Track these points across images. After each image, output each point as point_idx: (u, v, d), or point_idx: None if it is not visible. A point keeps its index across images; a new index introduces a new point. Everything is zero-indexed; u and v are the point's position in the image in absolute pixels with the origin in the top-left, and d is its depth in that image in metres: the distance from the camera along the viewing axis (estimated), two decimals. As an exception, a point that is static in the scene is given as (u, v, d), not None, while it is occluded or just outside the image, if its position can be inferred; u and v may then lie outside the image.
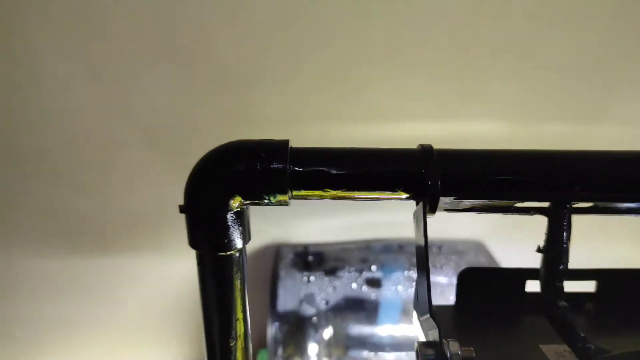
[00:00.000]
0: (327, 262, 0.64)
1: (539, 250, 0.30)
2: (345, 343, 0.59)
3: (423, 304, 0.28)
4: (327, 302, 0.60)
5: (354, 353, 0.60)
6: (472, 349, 0.26)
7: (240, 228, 0.30)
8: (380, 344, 0.60)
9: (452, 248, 0.66)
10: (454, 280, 0.35)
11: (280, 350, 0.57)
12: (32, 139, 0.61)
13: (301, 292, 0.61)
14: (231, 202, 0.29)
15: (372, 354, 0.59)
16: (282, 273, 0.63)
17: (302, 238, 0.70)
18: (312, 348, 0.58)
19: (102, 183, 0.68)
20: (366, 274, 0.62)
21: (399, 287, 0.61)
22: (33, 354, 0.79)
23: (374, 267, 0.63)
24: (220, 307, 0.32)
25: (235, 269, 0.32)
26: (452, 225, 0.71)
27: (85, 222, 0.70)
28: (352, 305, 0.60)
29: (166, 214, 0.70)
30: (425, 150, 0.28)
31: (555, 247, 0.29)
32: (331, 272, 0.63)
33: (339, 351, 0.59)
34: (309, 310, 0.60)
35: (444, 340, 0.25)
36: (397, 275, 0.62)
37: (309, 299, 0.60)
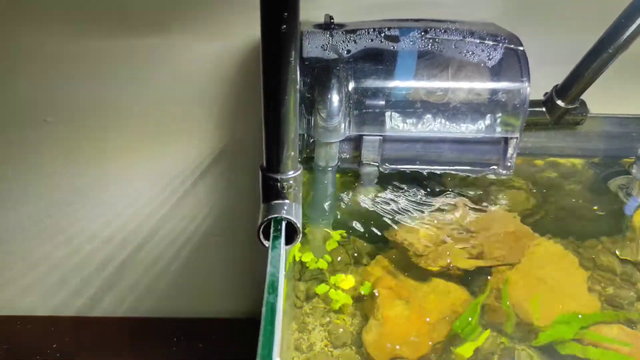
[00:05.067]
0: (347, 26, 0.68)
1: None
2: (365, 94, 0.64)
3: None
4: (348, 51, 0.64)
5: (372, 102, 0.64)
6: None
7: None
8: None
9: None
10: None
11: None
12: None
13: (325, 42, 0.64)
14: None
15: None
16: (305, 31, 0.66)
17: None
18: (336, 99, 0.62)
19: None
20: (384, 32, 0.66)
21: (417, 42, 0.65)
22: (64, 138, 0.83)
23: (391, 30, 0.66)
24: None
25: None
26: (465, 8, 0.74)
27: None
28: (372, 55, 0.64)
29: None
30: None
31: None
32: (352, 32, 0.66)
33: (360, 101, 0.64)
34: (332, 56, 0.64)
35: None
36: (413, 33, 0.66)
37: (332, 48, 0.64)
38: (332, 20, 0.68)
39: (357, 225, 0.63)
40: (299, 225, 0.44)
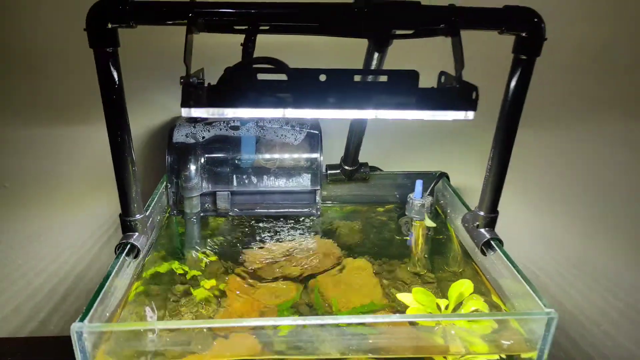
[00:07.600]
0: (207, 120, 1.03)
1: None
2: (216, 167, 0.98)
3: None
4: (203, 137, 0.99)
5: (219, 169, 0.98)
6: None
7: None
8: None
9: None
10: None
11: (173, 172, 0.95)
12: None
13: (188, 132, 0.99)
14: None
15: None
16: (177, 124, 1.01)
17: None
18: (193, 168, 0.97)
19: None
20: (230, 123, 1.01)
21: (251, 130, 1.00)
22: (18, 198, 1.16)
23: (235, 121, 1.02)
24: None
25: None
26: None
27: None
28: (219, 139, 0.99)
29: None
30: None
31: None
32: (208, 124, 1.01)
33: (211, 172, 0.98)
34: (191, 141, 0.98)
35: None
36: (249, 124, 1.01)
37: (192, 135, 0.99)
38: (196, 119, 1.03)
39: (217, 250, 0.96)
40: (140, 247, 0.76)
